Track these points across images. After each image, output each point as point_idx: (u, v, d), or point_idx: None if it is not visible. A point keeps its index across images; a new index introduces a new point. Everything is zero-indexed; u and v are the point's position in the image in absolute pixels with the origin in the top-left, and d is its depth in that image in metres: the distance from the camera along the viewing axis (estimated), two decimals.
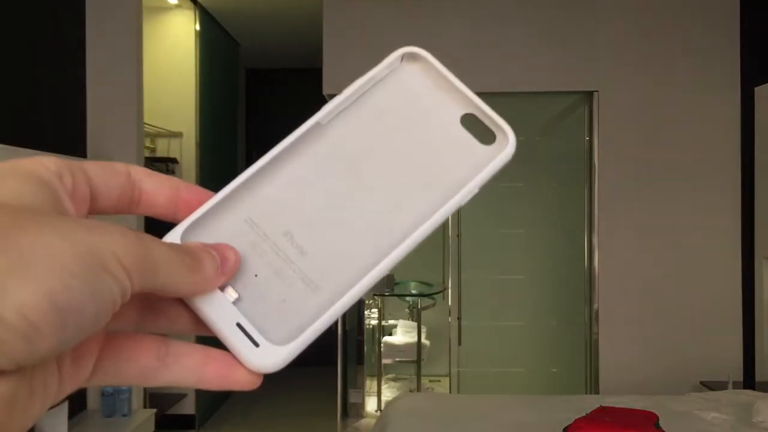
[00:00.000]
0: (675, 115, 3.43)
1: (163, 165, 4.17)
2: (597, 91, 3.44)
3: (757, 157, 3.25)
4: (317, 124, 0.30)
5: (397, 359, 4.67)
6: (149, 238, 0.24)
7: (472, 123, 0.30)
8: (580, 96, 3.53)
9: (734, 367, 3.31)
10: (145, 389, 3.18)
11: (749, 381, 3.23)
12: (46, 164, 0.24)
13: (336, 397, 4.12)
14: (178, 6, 4.21)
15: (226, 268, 0.27)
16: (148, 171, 0.28)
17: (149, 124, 3.91)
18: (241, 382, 0.27)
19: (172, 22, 4.27)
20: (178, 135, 4.27)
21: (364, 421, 4.30)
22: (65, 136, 2.84)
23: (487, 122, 0.30)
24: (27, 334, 0.20)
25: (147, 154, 4.10)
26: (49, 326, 0.20)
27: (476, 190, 0.30)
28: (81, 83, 2.97)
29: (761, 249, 3.19)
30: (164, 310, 0.28)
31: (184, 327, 0.29)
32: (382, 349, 4.54)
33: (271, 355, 0.27)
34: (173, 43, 4.26)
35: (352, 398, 4.35)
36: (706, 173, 3.42)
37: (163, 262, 0.24)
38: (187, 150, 4.30)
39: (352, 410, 4.35)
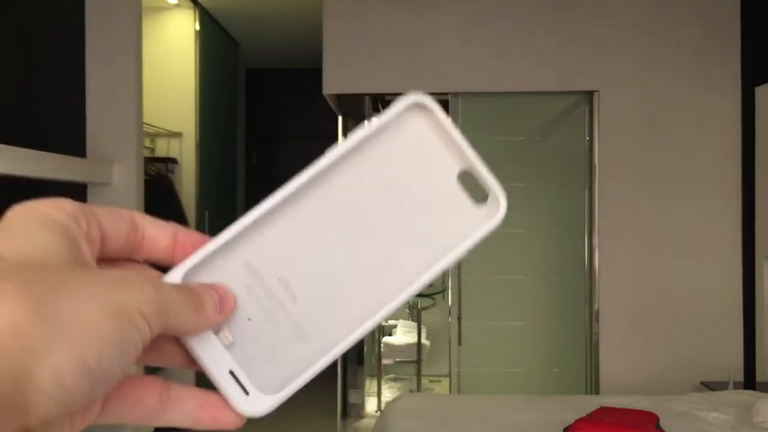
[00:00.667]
0: (675, 115, 3.42)
1: (163, 165, 4.17)
2: (597, 91, 3.44)
3: (757, 157, 3.25)
4: (321, 171, 0.30)
5: (397, 359, 4.67)
6: (161, 284, 0.26)
7: (469, 178, 0.30)
8: (580, 96, 3.53)
9: (735, 368, 3.31)
10: None
11: (750, 381, 3.23)
12: (63, 207, 0.25)
13: (336, 397, 4.11)
14: (177, 6, 4.21)
15: (225, 307, 0.28)
16: (149, 217, 0.29)
17: (149, 124, 3.91)
18: (229, 424, 0.29)
19: (172, 21, 4.27)
20: (177, 135, 4.27)
21: (364, 422, 4.30)
22: (65, 136, 2.83)
23: (481, 183, 0.30)
24: (60, 399, 0.21)
25: (146, 154, 4.10)
26: (81, 389, 0.21)
27: (464, 255, 0.31)
28: (80, 83, 2.97)
29: (761, 249, 3.19)
30: (161, 347, 0.30)
31: (178, 364, 0.30)
32: (382, 349, 4.54)
33: (260, 403, 0.29)
34: (173, 43, 4.26)
35: (352, 398, 4.34)
36: (706, 173, 3.42)
37: (173, 304, 0.26)
38: (186, 150, 4.30)
39: (352, 410, 4.35)
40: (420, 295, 4.45)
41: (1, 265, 0.22)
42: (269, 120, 6.19)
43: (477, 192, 0.31)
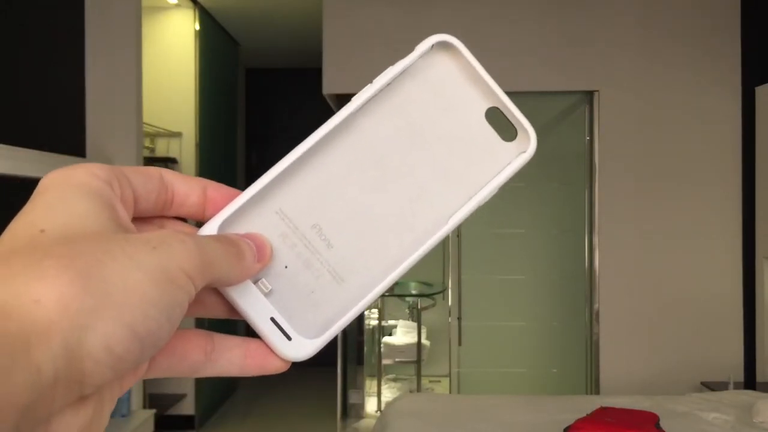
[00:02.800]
0: (675, 115, 3.42)
1: (162, 165, 4.17)
2: (597, 91, 3.44)
3: (757, 157, 3.25)
4: (347, 117, 0.30)
5: (397, 360, 4.66)
6: (202, 239, 0.26)
7: (495, 117, 0.30)
8: (580, 96, 3.53)
9: (735, 368, 3.31)
10: (144, 390, 3.18)
11: (750, 381, 3.23)
12: (96, 173, 0.25)
13: (336, 397, 4.11)
14: (177, 6, 4.21)
15: (263, 255, 0.29)
16: (178, 174, 0.29)
17: (148, 124, 3.91)
18: (275, 368, 0.30)
19: (172, 21, 4.26)
20: (177, 135, 4.27)
21: (364, 422, 4.29)
22: (65, 135, 2.83)
23: (510, 119, 0.30)
24: (113, 365, 0.22)
25: (146, 154, 4.10)
26: (132, 353, 0.22)
27: (496, 190, 0.31)
28: (80, 83, 2.96)
29: (762, 249, 3.19)
30: (202, 299, 0.30)
31: (219, 314, 0.30)
32: (382, 349, 4.54)
33: (303, 347, 0.29)
34: (173, 43, 4.25)
35: (352, 399, 4.34)
36: (706, 173, 3.42)
37: (216, 258, 0.26)
38: (186, 150, 4.29)
39: (352, 411, 4.34)
40: (420, 295, 4.45)
41: (41, 240, 0.22)
42: (269, 120, 6.19)
43: (504, 131, 0.31)
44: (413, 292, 4.56)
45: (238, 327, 4.46)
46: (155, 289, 0.23)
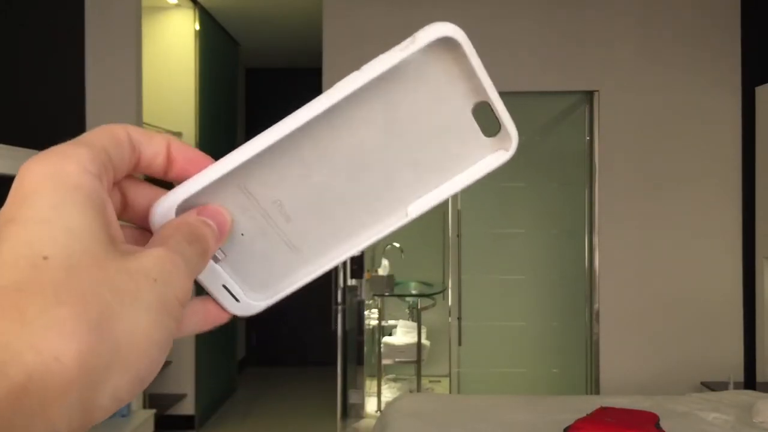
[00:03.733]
0: (675, 115, 3.42)
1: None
2: (597, 91, 3.43)
3: (757, 157, 3.25)
4: (329, 106, 0.29)
5: (397, 359, 4.66)
6: (183, 250, 0.26)
7: (482, 113, 0.30)
8: (580, 96, 3.53)
9: (735, 368, 3.31)
10: (144, 390, 3.17)
11: (750, 381, 3.23)
12: (87, 168, 0.25)
13: (336, 397, 4.11)
14: (177, 6, 4.21)
15: (222, 234, 0.30)
16: (145, 134, 0.29)
17: (148, 124, 3.91)
18: (222, 322, 0.32)
19: (172, 21, 4.26)
20: (177, 135, 4.27)
21: (364, 422, 4.29)
22: (65, 136, 2.82)
23: (496, 116, 0.29)
24: (117, 407, 0.23)
25: None
26: (135, 394, 0.24)
27: (468, 185, 0.30)
28: (80, 83, 2.96)
29: (761, 249, 3.19)
30: None
31: None
32: (382, 349, 4.54)
33: (250, 308, 0.31)
34: (173, 43, 4.25)
35: (352, 398, 4.34)
36: (706, 173, 3.42)
37: (194, 267, 0.27)
38: None
39: (352, 410, 4.34)
40: (420, 295, 4.45)
41: (47, 272, 0.22)
42: (269, 120, 6.10)
43: (488, 129, 0.30)
44: (413, 292, 4.56)
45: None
46: (157, 330, 0.24)
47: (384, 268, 4.25)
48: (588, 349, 3.51)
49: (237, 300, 0.31)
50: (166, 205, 0.29)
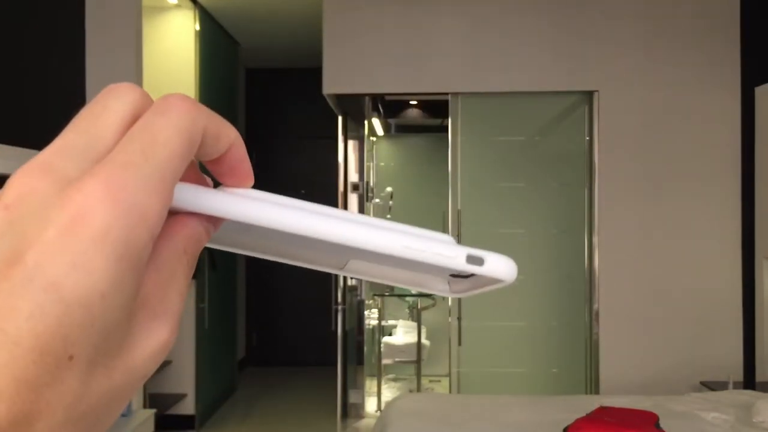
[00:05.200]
0: (675, 115, 3.43)
1: None
2: (597, 91, 3.44)
3: (757, 157, 3.25)
4: (366, 246, 0.27)
5: (397, 359, 4.67)
6: (180, 309, 0.25)
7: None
8: (580, 96, 3.53)
9: (734, 367, 3.31)
10: (144, 389, 3.18)
11: (749, 381, 3.23)
12: (153, 233, 0.22)
13: (336, 397, 4.12)
14: (177, 6, 4.21)
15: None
16: (217, 132, 0.26)
17: None
18: None
19: (172, 21, 4.27)
20: None
21: (363, 422, 4.30)
22: None
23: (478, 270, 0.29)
24: None
25: None
26: None
27: (412, 288, 0.31)
28: (81, 83, 2.97)
29: (761, 249, 3.19)
30: None
31: None
32: (382, 349, 4.54)
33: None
34: (173, 43, 4.26)
35: (352, 398, 4.34)
36: (706, 173, 3.42)
37: (181, 311, 0.25)
38: None
39: (352, 410, 4.35)
40: (420, 295, 4.45)
41: (63, 395, 0.20)
42: (269, 120, 6.19)
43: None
44: (413, 292, 4.56)
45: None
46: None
47: None
48: (588, 349, 3.51)
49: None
50: (189, 203, 0.26)
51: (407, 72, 3.50)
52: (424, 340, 4.62)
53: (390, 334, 4.84)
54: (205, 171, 0.29)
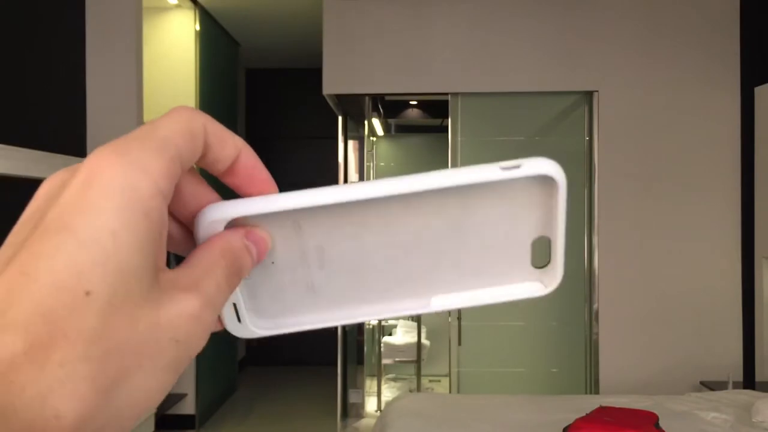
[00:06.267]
0: (675, 115, 3.43)
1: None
2: (597, 91, 3.44)
3: (757, 157, 3.25)
4: (411, 192, 0.28)
5: (397, 359, 4.67)
6: (216, 301, 0.26)
7: (539, 244, 0.30)
8: (580, 96, 3.53)
9: (734, 367, 3.31)
10: None
11: (749, 381, 3.24)
12: (161, 187, 0.23)
13: (336, 397, 4.12)
14: (178, 6, 4.21)
15: (258, 258, 0.29)
16: (220, 133, 0.27)
17: None
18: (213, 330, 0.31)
19: (172, 22, 4.27)
20: None
21: (364, 421, 4.30)
22: (65, 136, 2.84)
23: (551, 255, 0.31)
24: None
25: None
26: None
27: (495, 302, 0.31)
28: (81, 83, 2.97)
29: (761, 249, 3.19)
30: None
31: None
32: (382, 349, 4.54)
33: (247, 331, 0.31)
34: (173, 43, 4.26)
35: (352, 398, 4.34)
36: (706, 173, 3.42)
37: (223, 302, 0.26)
38: None
39: (352, 410, 4.35)
40: None
41: (86, 320, 0.21)
42: (269, 120, 6.20)
43: (537, 256, 0.31)
44: None
45: None
46: (160, 393, 0.23)
47: None
48: (587, 349, 3.51)
49: (239, 320, 0.30)
50: (217, 215, 0.28)
51: (407, 72, 3.50)
52: (424, 340, 4.62)
53: (390, 334, 4.84)
54: (232, 195, 0.30)
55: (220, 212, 0.28)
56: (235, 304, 0.30)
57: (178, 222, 0.29)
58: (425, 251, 0.30)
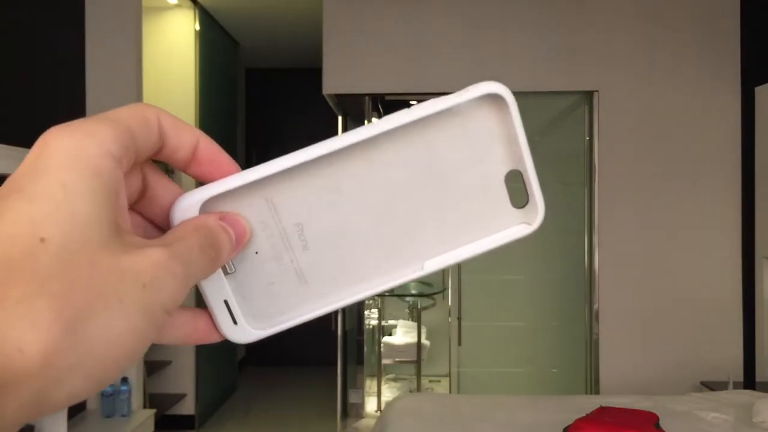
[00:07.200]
0: (675, 115, 3.43)
1: (163, 165, 4.16)
2: (597, 91, 3.44)
3: (757, 157, 3.25)
4: (372, 136, 0.28)
5: (397, 359, 4.67)
6: (188, 256, 0.26)
7: (513, 180, 0.30)
8: (580, 96, 3.53)
9: (734, 367, 3.31)
10: (144, 389, 3.18)
11: (749, 381, 3.23)
12: (111, 150, 0.24)
13: (336, 397, 4.11)
14: (177, 6, 4.21)
15: (239, 244, 0.29)
16: (172, 120, 0.28)
17: None
18: (213, 341, 0.31)
19: (172, 22, 4.27)
20: None
21: (363, 422, 4.29)
22: None
23: (527, 187, 0.30)
24: (69, 405, 0.22)
25: None
26: (89, 396, 0.23)
27: (486, 251, 0.30)
28: (81, 83, 2.97)
29: (761, 249, 3.19)
30: None
31: None
32: (382, 349, 4.54)
33: (245, 334, 0.30)
34: (173, 43, 4.26)
35: (352, 398, 4.34)
36: (706, 173, 3.42)
37: (197, 273, 0.26)
38: None
39: (352, 410, 4.35)
40: (420, 295, 4.45)
41: (39, 257, 0.21)
42: (269, 120, 6.20)
43: (516, 197, 0.30)
44: (413, 292, 4.56)
45: None
46: (133, 338, 0.23)
47: None
48: (588, 349, 3.51)
49: (234, 322, 0.30)
50: (191, 200, 0.28)
51: (407, 72, 3.50)
52: (424, 340, 4.62)
53: (390, 334, 4.84)
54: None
55: (192, 197, 0.28)
56: (227, 304, 0.30)
57: (156, 226, 0.29)
58: (404, 210, 0.29)
